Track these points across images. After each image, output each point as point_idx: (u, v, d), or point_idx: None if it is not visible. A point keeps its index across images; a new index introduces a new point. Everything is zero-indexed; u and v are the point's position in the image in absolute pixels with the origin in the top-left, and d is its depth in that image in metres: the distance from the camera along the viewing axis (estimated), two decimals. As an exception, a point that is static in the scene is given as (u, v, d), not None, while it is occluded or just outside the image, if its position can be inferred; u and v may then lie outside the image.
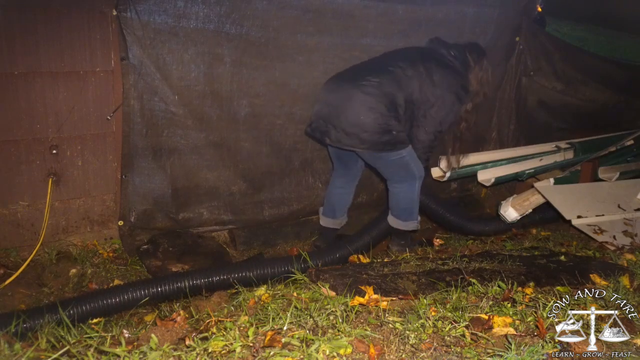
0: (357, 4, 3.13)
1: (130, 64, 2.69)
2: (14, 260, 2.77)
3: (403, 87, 2.72)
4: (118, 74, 2.73)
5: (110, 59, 2.73)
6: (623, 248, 2.83)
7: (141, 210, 3.01)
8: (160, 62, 2.76)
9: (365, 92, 2.66)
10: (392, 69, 2.74)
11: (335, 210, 3.22)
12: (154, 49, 2.71)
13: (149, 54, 2.71)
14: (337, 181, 3.19)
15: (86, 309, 2.30)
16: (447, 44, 2.94)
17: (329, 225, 3.26)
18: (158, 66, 2.76)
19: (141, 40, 2.67)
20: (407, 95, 2.73)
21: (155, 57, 2.73)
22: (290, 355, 1.45)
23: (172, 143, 2.96)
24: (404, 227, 3.06)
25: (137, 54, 2.69)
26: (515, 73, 4.02)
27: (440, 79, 2.78)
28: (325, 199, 3.28)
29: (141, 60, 2.71)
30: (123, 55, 2.67)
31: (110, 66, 2.74)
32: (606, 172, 3.78)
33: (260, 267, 2.64)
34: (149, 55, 2.71)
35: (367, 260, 2.84)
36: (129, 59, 2.68)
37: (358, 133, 2.68)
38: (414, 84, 2.74)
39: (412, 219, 3.05)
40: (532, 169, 3.62)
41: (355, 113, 2.66)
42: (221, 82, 2.94)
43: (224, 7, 2.78)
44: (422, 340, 1.60)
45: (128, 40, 2.64)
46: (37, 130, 2.70)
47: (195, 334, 1.61)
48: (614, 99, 4.29)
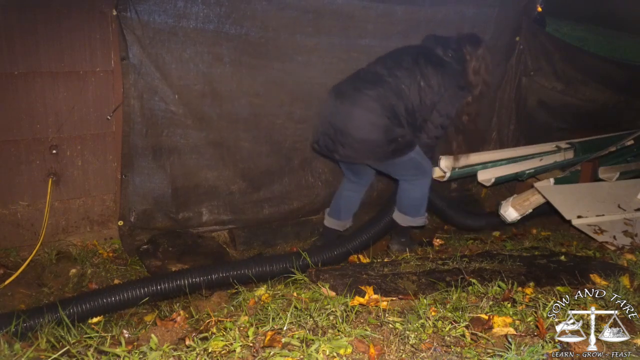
0: (357, 5, 3.13)
1: (130, 63, 2.69)
2: (14, 260, 2.77)
3: (402, 97, 2.74)
4: (118, 74, 2.73)
5: (110, 59, 2.73)
6: (623, 248, 2.83)
7: (141, 210, 3.01)
8: (160, 61, 2.76)
9: (366, 109, 2.68)
10: (390, 79, 2.74)
11: (341, 212, 3.23)
12: (154, 48, 2.72)
13: (148, 53, 2.71)
14: (348, 185, 3.21)
15: (84, 308, 2.31)
16: (443, 41, 2.90)
17: (333, 226, 3.27)
18: (158, 66, 2.76)
19: (141, 40, 2.67)
20: (407, 104, 2.75)
21: (155, 57, 2.73)
22: (290, 355, 1.45)
23: (172, 142, 2.96)
24: (413, 223, 3.09)
25: (137, 53, 2.69)
26: (515, 73, 4.01)
27: (438, 82, 2.78)
28: (334, 199, 3.29)
29: (141, 60, 2.71)
30: (123, 55, 2.68)
31: (110, 66, 2.74)
32: (606, 172, 3.78)
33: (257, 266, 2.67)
34: (148, 55, 2.72)
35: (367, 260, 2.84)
36: (129, 58, 2.68)
37: (365, 148, 2.73)
38: (413, 93, 2.75)
39: (420, 214, 3.08)
40: (532, 169, 3.62)
41: (360, 131, 2.70)
42: (221, 81, 2.94)
43: (224, 8, 2.78)
44: (422, 340, 1.60)
45: (128, 40, 2.64)
46: (37, 130, 2.70)
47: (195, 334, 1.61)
48: (614, 99, 4.29)
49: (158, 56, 2.74)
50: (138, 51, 2.69)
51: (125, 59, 2.68)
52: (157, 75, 2.78)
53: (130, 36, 2.64)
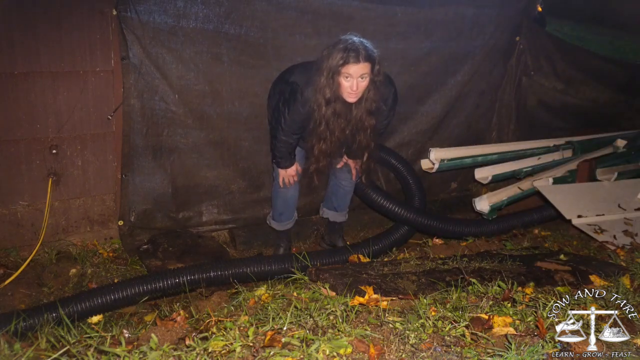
0: (356, 6, 3.13)
1: (130, 63, 2.70)
2: (14, 260, 2.77)
3: None
4: (118, 74, 2.73)
5: (110, 59, 2.73)
6: (623, 248, 2.83)
7: (141, 209, 3.01)
8: (160, 61, 2.76)
9: None
10: None
11: None
12: (154, 48, 2.72)
13: (149, 53, 2.71)
14: None
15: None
16: None
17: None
18: (158, 65, 2.76)
19: (141, 39, 2.67)
20: None
21: (155, 57, 2.74)
22: (290, 355, 1.46)
23: (172, 142, 2.97)
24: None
25: (137, 53, 2.69)
26: (515, 73, 4.01)
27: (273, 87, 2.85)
28: None
29: (141, 60, 2.71)
30: (123, 55, 2.68)
31: (111, 66, 2.74)
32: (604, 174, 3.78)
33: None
34: (149, 55, 2.72)
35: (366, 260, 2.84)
36: (129, 58, 2.69)
37: None
38: None
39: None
40: (530, 167, 3.63)
41: None
42: (221, 81, 2.95)
43: (223, 8, 2.79)
44: (422, 340, 1.60)
45: (128, 39, 2.64)
46: (37, 130, 2.70)
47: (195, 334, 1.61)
48: (614, 99, 4.29)
49: (158, 56, 2.74)
50: (138, 51, 2.69)
51: (125, 59, 2.68)
52: (157, 75, 2.78)
53: (130, 36, 2.64)
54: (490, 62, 3.83)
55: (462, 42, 3.61)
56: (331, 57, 2.40)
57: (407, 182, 3.41)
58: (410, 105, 3.61)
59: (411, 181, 3.40)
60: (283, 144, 2.70)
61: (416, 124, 3.70)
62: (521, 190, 3.55)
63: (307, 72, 2.56)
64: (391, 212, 3.22)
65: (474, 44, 3.67)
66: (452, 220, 3.47)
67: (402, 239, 3.32)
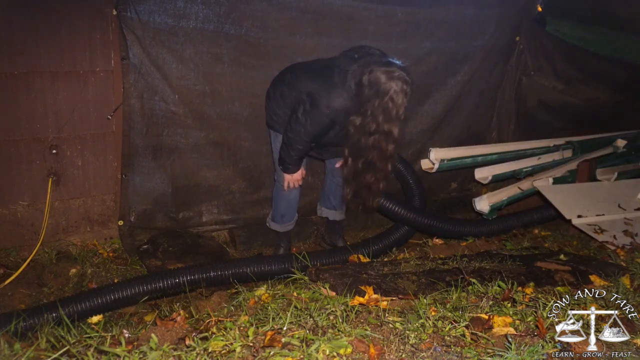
0: (357, 6, 3.12)
1: (130, 63, 2.70)
2: (14, 260, 2.77)
3: None
4: (118, 74, 2.73)
5: (110, 59, 2.73)
6: (623, 247, 2.83)
7: (141, 210, 3.01)
8: (160, 61, 2.76)
9: None
10: None
11: None
12: (154, 48, 2.72)
13: (149, 53, 2.71)
14: None
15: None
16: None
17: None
18: (158, 65, 2.76)
19: (141, 39, 2.67)
20: None
21: (155, 57, 2.74)
22: (290, 355, 1.46)
23: (172, 142, 2.97)
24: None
25: (137, 53, 2.69)
26: (515, 73, 4.01)
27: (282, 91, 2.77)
28: None
29: (141, 60, 2.71)
30: (123, 55, 2.68)
31: (111, 66, 2.74)
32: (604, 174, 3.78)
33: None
34: (149, 55, 2.72)
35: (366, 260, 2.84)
36: (129, 58, 2.68)
37: None
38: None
39: None
40: (530, 167, 3.63)
41: None
42: (221, 81, 2.94)
43: (223, 8, 2.79)
44: (422, 340, 1.60)
45: (128, 39, 2.64)
46: (37, 130, 2.70)
47: (195, 334, 1.61)
48: (614, 99, 4.29)
49: (158, 56, 2.74)
50: (138, 51, 2.69)
51: (125, 59, 2.68)
52: (157, 75, 2.78)
53: (130, 36, 2.64)
54: (490, 62, 3.83)
55: (462, 42, 3.61)
56: (384, 84, 2.43)
57: (407, 182, 3.41)
58: (410, 105, 3.57)
59: (411, 181, 3.40)
60: (298, 152, 2.68)
61: (416, 124, 3.70)
62: (521, 190, 3.55)
63: (318, 78, 2.54)
64: (391, 212, 3.22)
65: (474, 44, 3.67)
66: (452, 220, 3.47)
67: (402, 239, 3.32)
